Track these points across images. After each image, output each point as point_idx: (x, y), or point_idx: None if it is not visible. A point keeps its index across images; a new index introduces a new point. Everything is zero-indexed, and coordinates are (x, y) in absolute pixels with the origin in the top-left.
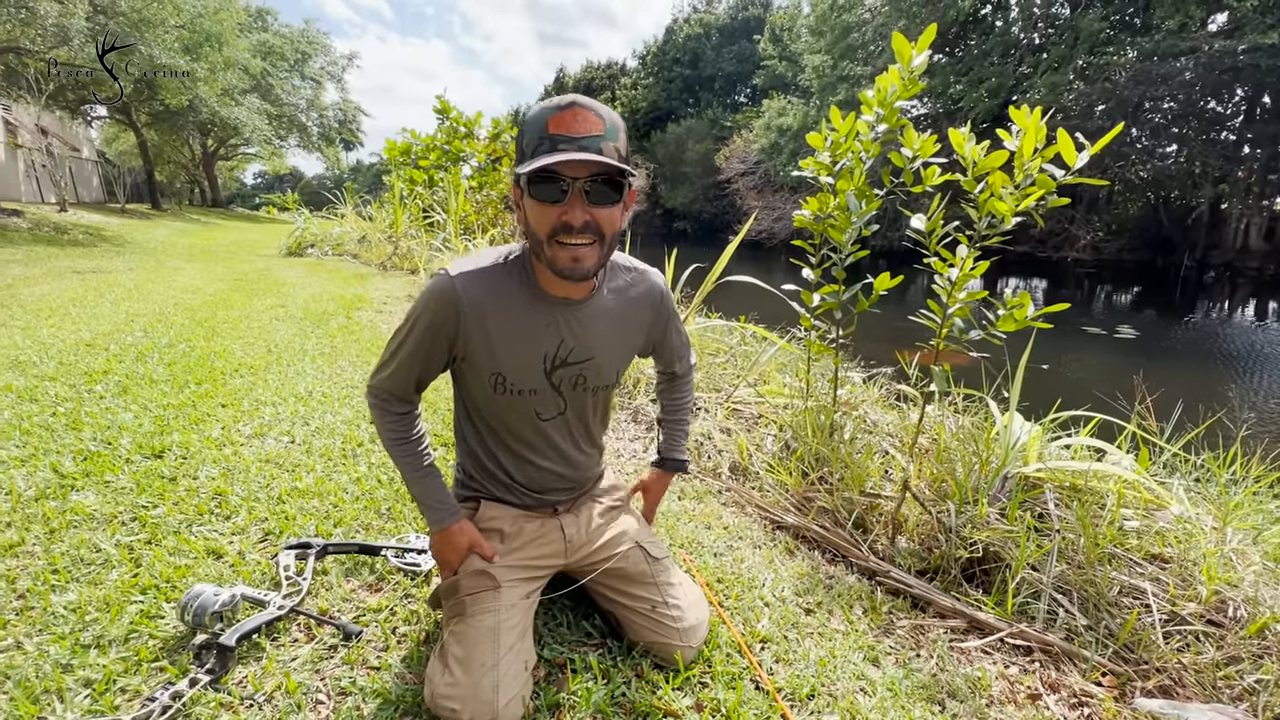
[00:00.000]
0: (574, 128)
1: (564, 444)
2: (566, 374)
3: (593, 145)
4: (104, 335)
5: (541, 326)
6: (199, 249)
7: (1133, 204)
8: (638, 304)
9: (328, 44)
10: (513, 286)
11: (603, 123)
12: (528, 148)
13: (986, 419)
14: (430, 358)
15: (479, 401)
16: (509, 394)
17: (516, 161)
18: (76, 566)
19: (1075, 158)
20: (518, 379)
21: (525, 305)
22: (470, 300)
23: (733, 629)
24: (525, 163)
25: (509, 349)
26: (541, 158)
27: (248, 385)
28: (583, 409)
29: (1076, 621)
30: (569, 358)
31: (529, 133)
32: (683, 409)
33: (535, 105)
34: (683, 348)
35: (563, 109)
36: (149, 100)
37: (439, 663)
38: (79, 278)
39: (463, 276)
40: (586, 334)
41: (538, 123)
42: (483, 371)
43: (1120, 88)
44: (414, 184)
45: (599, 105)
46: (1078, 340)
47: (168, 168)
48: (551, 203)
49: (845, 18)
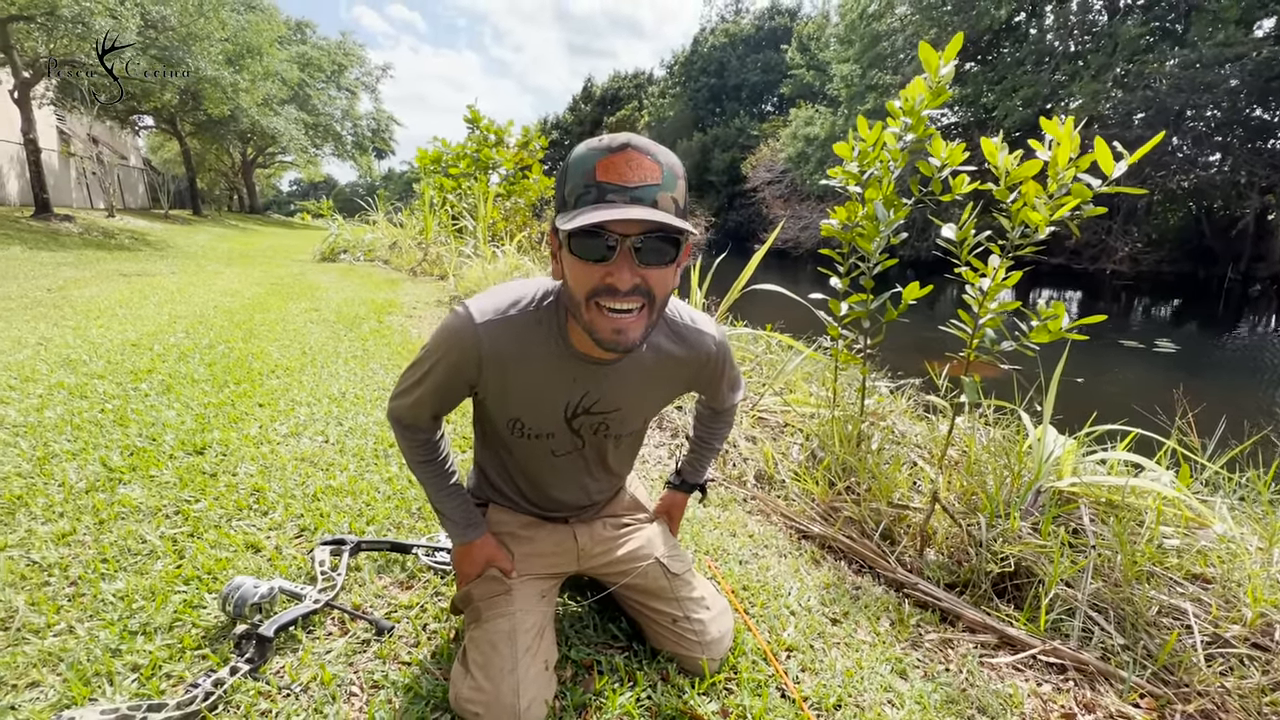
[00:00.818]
0: (626, 175)
1: (580, 475)
2: (588, 421)
3: (647, 196)
4: (148, 336)
5: (567, 381)
6: (237, 254)
7: (1173, 214)
8: (681, 362)
9: (363, 55)
10: (539, 338)
11: (660, 169)
12: (570, 196)
13: (1019, 432)
14: (449, 395)
15: (496, 432)
16: (527, 437)
17: (556, 207)
18: (124, 556)
19: (1113, 167)
20: (535, 424)
21: (551, 361)
22: (493, 351)
23: (758, 636)
24: (567, 213)
25: (527, 399)
26: (586, 210)
27: (284, 386)
28: (601, 448)
29: (1113, 640)
30: (592, 407)
31: (573, 178)
32: (719, 437)
33: (582, 146)
34: (730, 390)
35: (614, 152)
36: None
37: (461, 667)
38: (125, 280)
39: (487, 325)
40: (614, 388)
41: (584, 166)
42: (500, 415)
43: (1161, 95)
44: (444, 191)
45: (656, 147)
46: (1114, 354)
47: (209, 175)
48: (595, 261)
49: (874, 26)
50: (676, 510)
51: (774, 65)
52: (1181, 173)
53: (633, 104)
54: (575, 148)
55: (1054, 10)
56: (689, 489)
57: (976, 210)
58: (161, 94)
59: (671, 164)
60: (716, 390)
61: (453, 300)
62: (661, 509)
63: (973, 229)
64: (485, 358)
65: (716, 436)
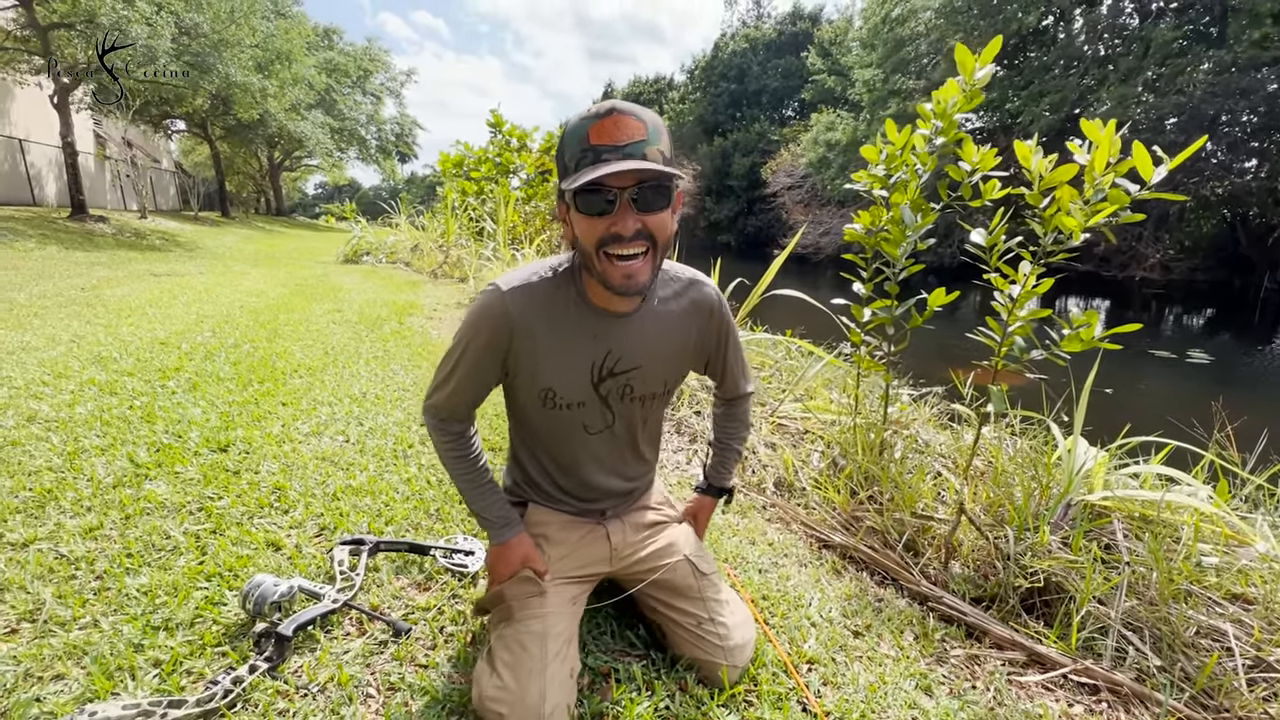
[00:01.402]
0: (616, 135)
1: (612, 458)
2: (614, 384)
3: (636, 151)
4: (176, 334)
5: (589, 338)
6: (263, 255)
7: (1206, 221)
8: (687, 312)
9: (388, 61)
10: (561, 300)
11: (644, 126)
12: (570, 161)
13: (1047, 442)
14: (485, 376)
15: (529, 415)
16: (558, 408)
17: (560, 176)
18: (149, 552)
19: (1152, 172)
20: (566, 392)
21: (574, 318)
22: (520, 315)
23: (779, 648)
24: (569, 177)
25: (557, 362)
26: (586, 170)
27: (306, 385)
28: (631, 421)
29: (1148, 661)
30: (615, 367)
31: (570, 145)
32: (737, 438)
33: (574, 116)
34: (742, 374)
35: (602, 117)
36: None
37: (486, 666)
38: (155, 280)
39: (513, 292)
40: (633, 343)
41: (578, 134)
42: (532, 387)
43: (1194, 100)
44: (465, 195)
45: (639, 108)
46: (1145, 364)
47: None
48: (599, 214)
49: (898, 31)
50: (704, 514)
51: (795, 70)
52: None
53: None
54: (569, 121)
55: (1083, 14)
56: (716, 493)
57: (1007, 215)
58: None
59: (655, 121)
60: (726, 362)
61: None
62: (690, 511)
63: (1003, 234)
64: (515, 323)
65: (735, 437)
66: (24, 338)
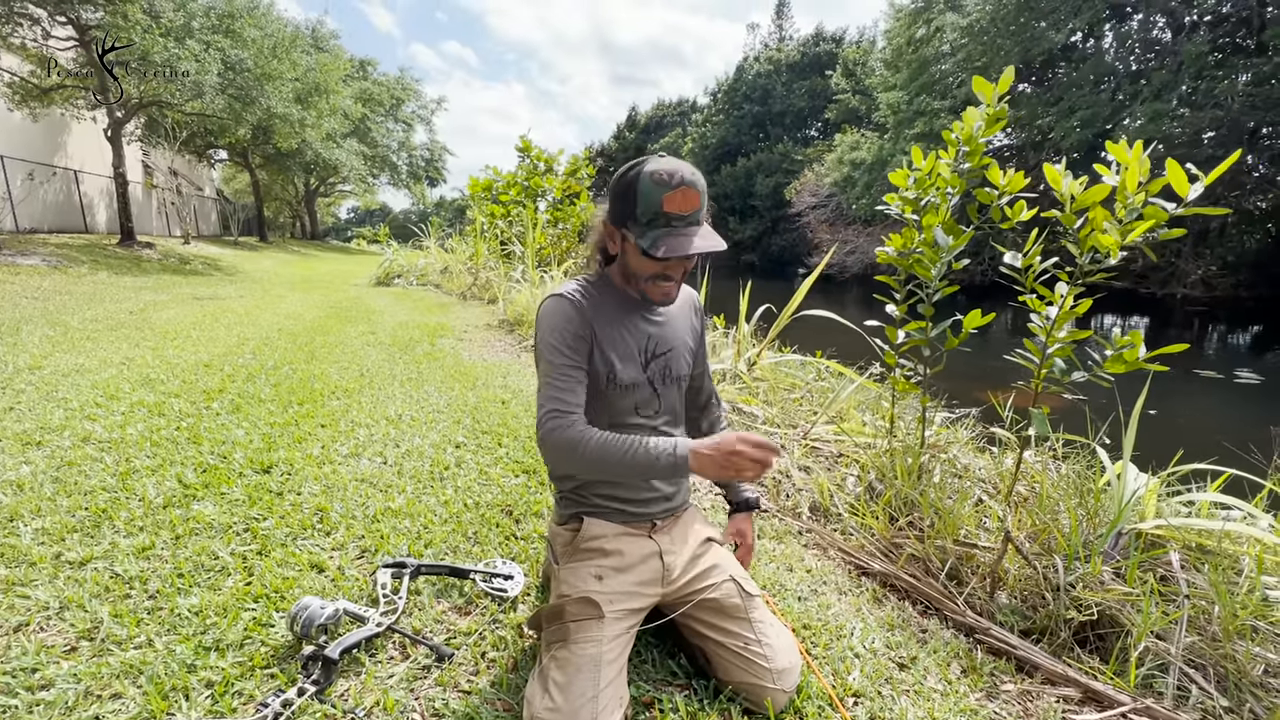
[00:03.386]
0: (684, 206)
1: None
2: (657, 366)
3: (695, 218)
4: (219, 357)
5: (635, 321)
6: (299, 279)
7: (1249, 236)
8: (684, 305)
9: (419, 90)
10: (606, 294)
11: (700, 195)
12: (642, 217)
13: (1090, 467)
14: (578, 359)
15: (589, 401)
16: (618, 387)
17: (622, 215)
18: (199, 572)
19: (1188, 189)
20: (624, 370)
21: (618, 305)
22: (583, 304)
23: (822, 680)
24: (640, 229)
25: (616, 343)
26: (663, 236)
27: (344, 407)
28: (673, 404)
29: (1214, 702)
30: (656, 349)
31: (643, 203)
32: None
33: (647, 176)
34: (708, 375)
35: (674, 190)
36: (263, 144)
37: (539, 685)
38: (199, 304)
39: (570, 291)
40: (664, 328)
41: (653, 198)
42: (600, 365)
43: (1232, 113)
44: (494, 218)
45: (696, 177)
46: (1190, 385)
47: (274, 204)
48: (657, 259)
49: (923, 52)
50: (747, 528)
51: (819, 91)
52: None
53: (676, 130)
54: (639, 173)
55: (1113, 30)
56: (745, 507)
57: (1044, 236)
58: (236, 130)
59: (704, 187)
60: (701, 358)
61: (501, 324)
62: (732, 531)
63: (1039, 255)
64: (583, 310)
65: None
66: (78, 360)
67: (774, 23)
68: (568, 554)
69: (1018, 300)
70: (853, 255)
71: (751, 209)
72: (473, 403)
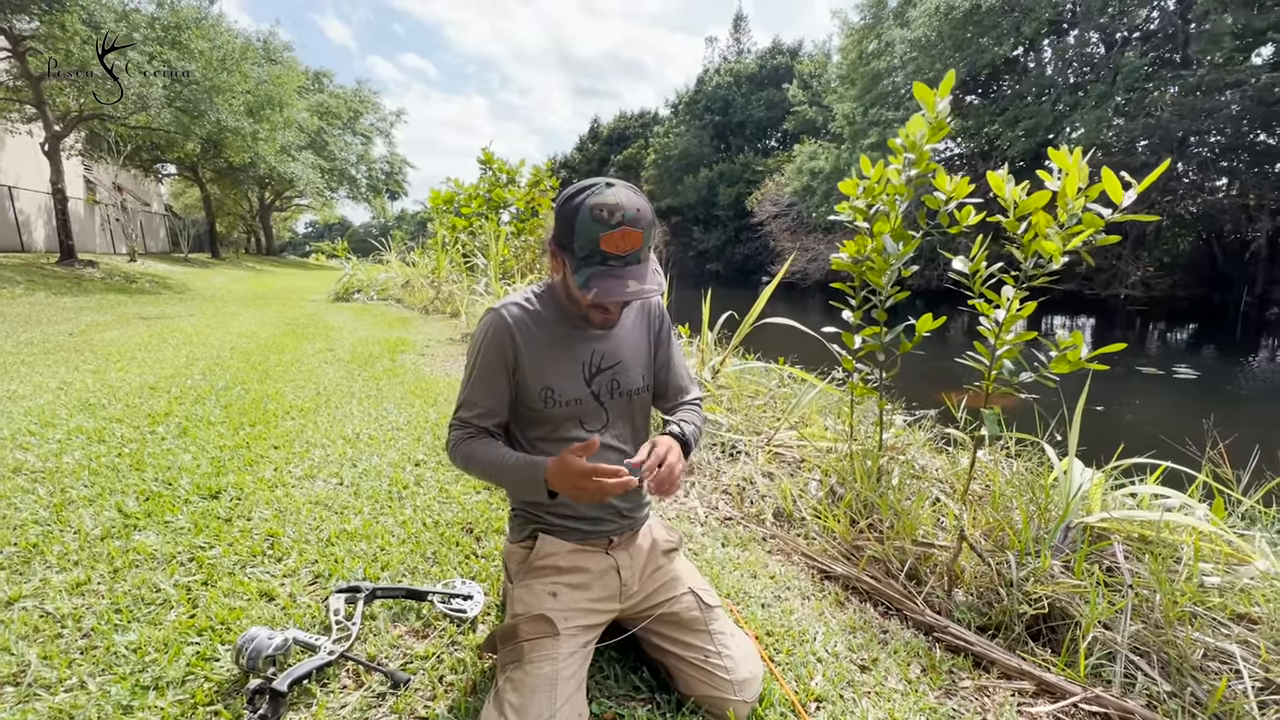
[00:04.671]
0: (621, 247)
1: (609, 455)
2: (603, 380)
3: (634, 258)
4: (166, 379)
5: (574, 339)
6: (253, 295)
7: (1183, 239)
8: (639, 314)
9: (377, 102)
10: (548, 309)
11: (642, 234)
12: (579, 250)
13: (1041, 464)
14: (496, 382)
15: (532, 423)
16: (557, 405)
17: (560, 240)
18: (138, 606)
19: (1122, 196)
20: (563, 389)
21: (560, 322)
22: (519, 324)
23: (785, 687)
24: (576, 263)
25: (554, 361)
26: (596, 271)
27: (298, 427)
28: (623, 416)
29: (1158, 687)
30: (602, 364)
31: (580, 238)
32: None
33: (586, 210)
34: (686, 378)
35: (612, 230)
36: (214, 158)
37: (494, 709)
38: (145, 324)
39: (508, 307)
40: (611, 341)
41: (591, 234)
42: (535, 386)
43: (1163, 123)
44: (456, 230)
45: (639, 211)
46: (1133, 381)
47: (227, 219)
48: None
49: (874, 65)
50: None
51: (777, 102)
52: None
53: (639, 142)
54: (580, 204)
55: (1052, 44)
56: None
57: (987, 242)
58: (185, 144)
59: (649, 220)
60: (674, 367)
61: (464, 337)
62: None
63: (984, 260)
64: (514, 330)
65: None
66: (9, 386)
67: (732, 36)
68: (522, 572)
69: (969, 305)
70: (814, 263)
71: (715, 218)
72: (434, 419)
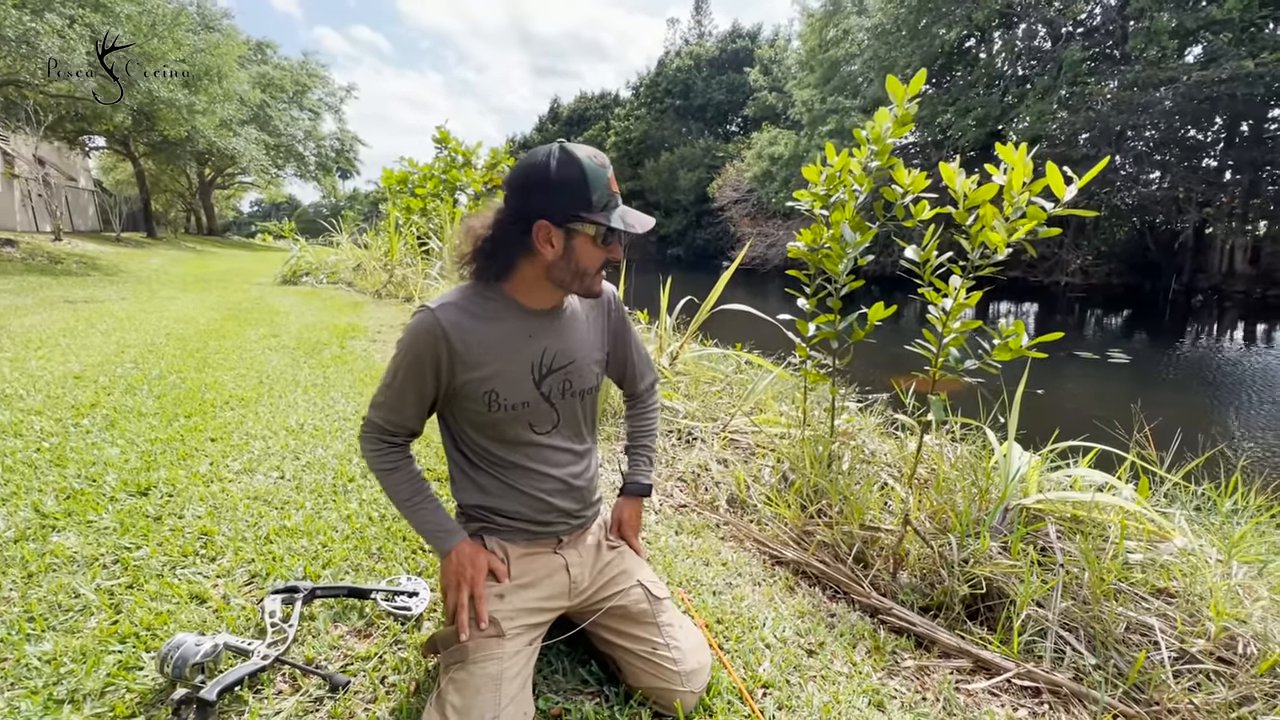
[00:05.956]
0: (615, 185)
1: (560, 455)
2: (555, 381)
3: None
4: (93, 367)
5: (525, 339)
6: (193, 278)
7: (1119, 229)
8: (593, 306)
9: (326, 76)
10: (493, 307)
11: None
12: (599, 200)
13: (984, 448)
14: (421, 389)
15: (476, 426)
16: (503, 410)
17: (571, 204)
18: (54, 614)
19: (1064, 190)
20: (509, 393)
21: (508, 321)
22: (453, 325)
23: (733, 675)
24: (601, 215)
25: (497, 363)
26: (617, 214)
27: (238, 418)
28: (574, 417)
29: (1084, 660)
30: (553, 364)
31: (597, 186)
32: (648, 433)
33: (586, 159)
34: (643, 364)
35: (609, 168)
36: (147, 131)
37: (436, 712)
38: (71, 307)
39: (443, 307)
40: (564, 338)
41: (602, 180)
42: (476, 391)
43: (1103, 116)
44: (410, 212)
45: None
46: (1071, 365)
47: (164, 196)
48: (606, 245)
49: (833, 52)
50: (630, 513)
51: (738, 86)
52: (1125, 189)
53: (599, 124)
54: (573, 158)
55: (1001, 36)
56: (632, 490)
57: (939, 232)
58: (113, 115)
59: None
60: (629, 357)
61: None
62: (616, 516)
63: (934, 250)
64: (449, 333)
65: (647, 431)
66: None
67: (693, 18)
68: None
69: (918, 293)
70: (773, 248)
71: (676, 203)
72: None
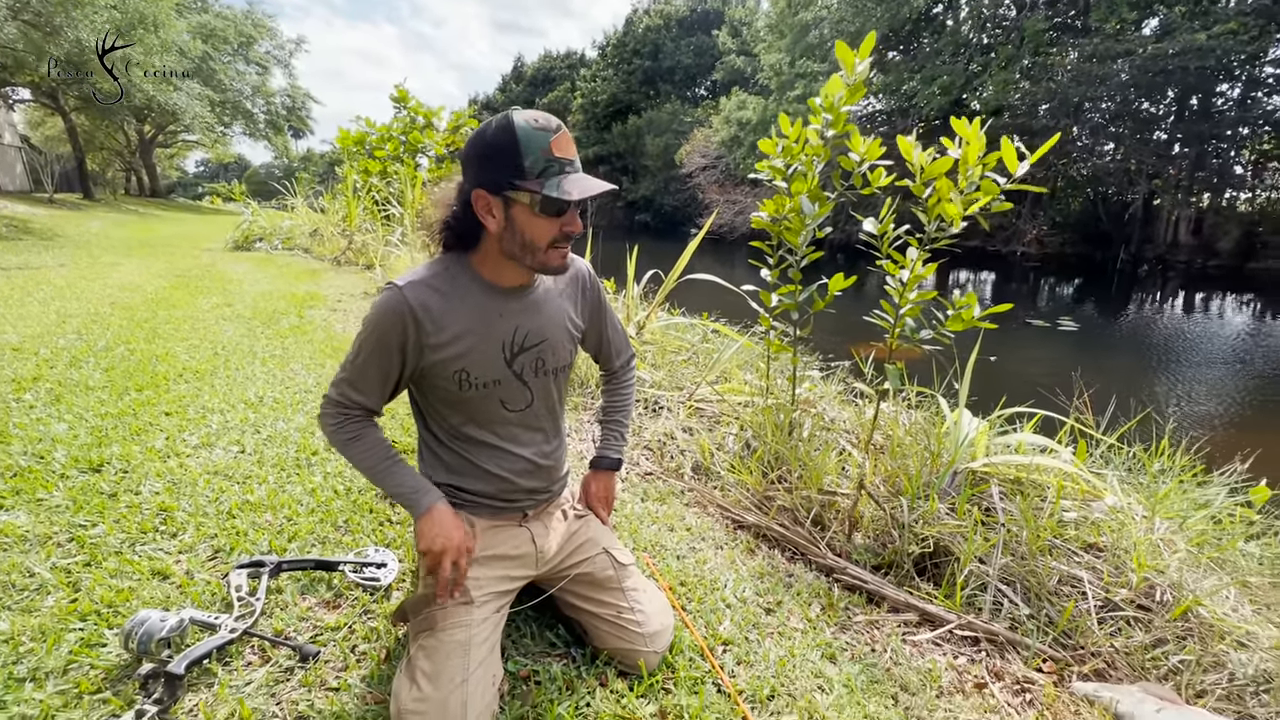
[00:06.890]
0: (568, 150)
1: (531, 434)
2: (527, 359)
3: (577, 164)
4: (33, 338)
5: (495, 317)
6: (136, 242)
7: (1075, 200)
8: (569, 283)
9: (273, 28)
10: (461, 285)
11: (572, 141)
12: (533, 168)
13: (937, 414)
14: (386, 369)
15: (447, 404)
16: (474, 388)
17: (504, 171)
18: (8, 593)
19: (1017, 166)
20: (481, 372)
21: (477, 299)
22: (420, 303)
23: (695, 633)
24: (537, 182)
25: (468, 342)
26: (555, 180)
27: (193, 391)
28: (548, 395)
29: (1020, 611)
30: (525, 342)
31: (531, 152)
32: (622, 409)
33: (521, 121)
34: (620, 341)
35: (554, 133)
36: (78, 84)
37: (405, 678)
38: (3, 275)
39: (411, 285)
40: (536, 317)
41: (539, 144)
42: (446, 370)
43: (1063, 88)
44: (369, 175)
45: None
46: (1023, 333)
47: (100, 155)
48: (557, 215)
49: (802, 15)
50: (598, 488)
51: (707, 49)
52: (1081, 161)
53: (565, 85)
54: (510, 122)
55: (967, 2)
56: (603, 465)
57: (896, 204)
58: (38, 66)
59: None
60: (604, 334)
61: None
62: (586, 488)
63: (892, 223)
64: (416, 311)
65: (622, 406)
66: None
67: None
68: None
69: (876, 265)
70: (741, 216)
71: (644, 168)
72: None
